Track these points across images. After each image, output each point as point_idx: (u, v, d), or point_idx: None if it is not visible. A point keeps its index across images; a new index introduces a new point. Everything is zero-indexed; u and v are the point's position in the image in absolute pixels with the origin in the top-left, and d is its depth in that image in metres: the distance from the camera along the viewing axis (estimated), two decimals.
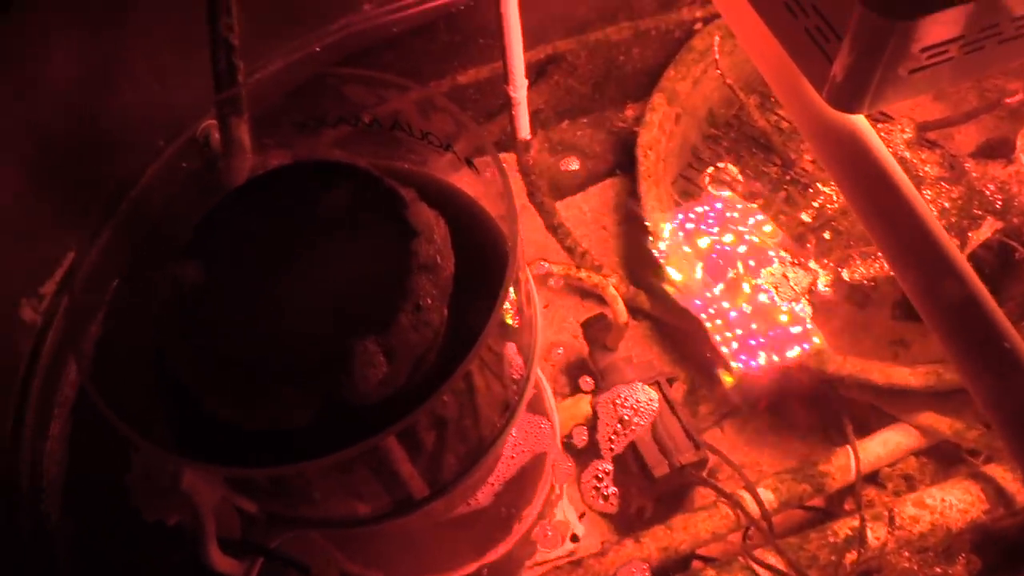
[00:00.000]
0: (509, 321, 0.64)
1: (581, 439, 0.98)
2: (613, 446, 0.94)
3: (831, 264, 0.91)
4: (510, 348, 0.65)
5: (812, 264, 0.92)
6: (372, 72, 0.64)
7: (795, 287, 0.90)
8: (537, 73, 1.15)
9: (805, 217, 0.96)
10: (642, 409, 0.93)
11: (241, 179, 0.77)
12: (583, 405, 0.99)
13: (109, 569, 0.88)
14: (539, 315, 0.69)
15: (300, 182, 0.61)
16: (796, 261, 0.92)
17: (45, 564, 0.85)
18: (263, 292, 0.57)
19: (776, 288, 0.90)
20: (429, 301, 0.56)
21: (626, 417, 0.92)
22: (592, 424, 0.99)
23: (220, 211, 0.60)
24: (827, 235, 0.93)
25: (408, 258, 0.55)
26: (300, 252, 0.58)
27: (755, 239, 1.00)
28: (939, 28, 0.52)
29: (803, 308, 0.89)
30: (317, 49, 1.06)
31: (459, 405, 0.60)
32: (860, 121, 0.59)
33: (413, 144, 0.68)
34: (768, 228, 0.97)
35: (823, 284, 0.91)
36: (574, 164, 1.17)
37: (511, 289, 0.56)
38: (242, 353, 0.54)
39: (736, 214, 0.99)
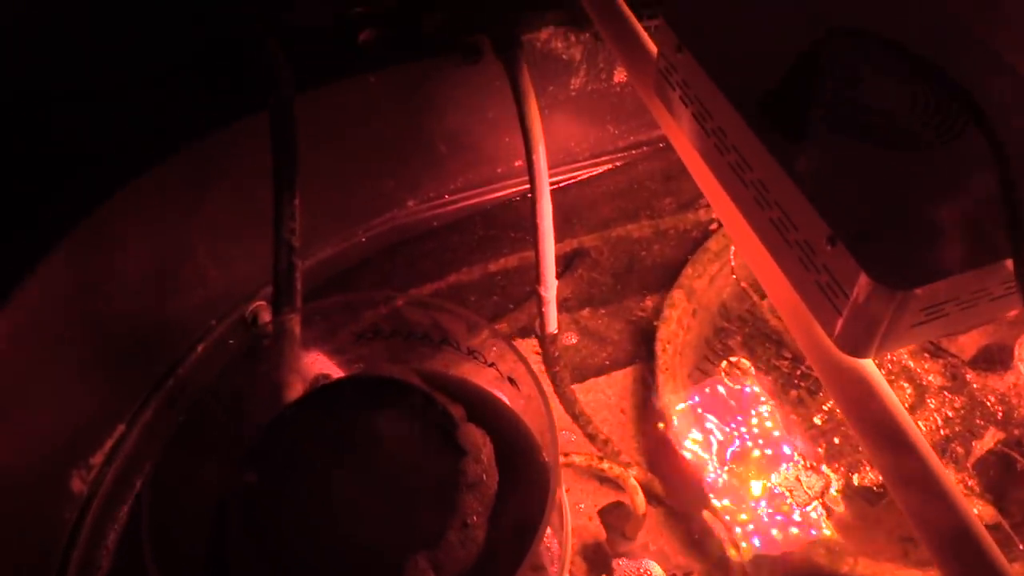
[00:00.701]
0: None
1: None
2: None
3: (842, 469, 0.96)
4: (543, 556, 0.69)
5: (824, 468, 0.96)
6: (427, 299, 0.71)
7: (808, 491, 0.94)
8: (564, 266, 1.23)
9: (816, 420, 1.01)
10: None
11: (290, 369, 0.84)
12: None
13: None
14: (569, 526, 0.73)
15: (358, 397, 0.67)
16: (809, 464, 0.97)
17: None
18: (320, 501, 0.62)
19: (791, 492, 0.94)
20: (475, 519, 0.60)
21: None
22: None
23: (281, 421, 0.66)
24: (837, 440, 0.98)
25: (457, 476, 0.61)
26: (356, 465, 0.63)
27: (776, 431, 1.05)
28: (937, 294, 0.59)
29: (817, 510, 0.93)
30: (363, 239, 1.15)
31: None
32: (867, 364, 0.65)
33: (459, 359, 0.75)
34: (776, 430, 1.02)
35: (835, 488, 0.95)
36: (596, 351, 1.24)
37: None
38: (300, 559, 0.58)
39: (752, 411, 1.05)
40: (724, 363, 1.15)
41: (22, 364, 0.84)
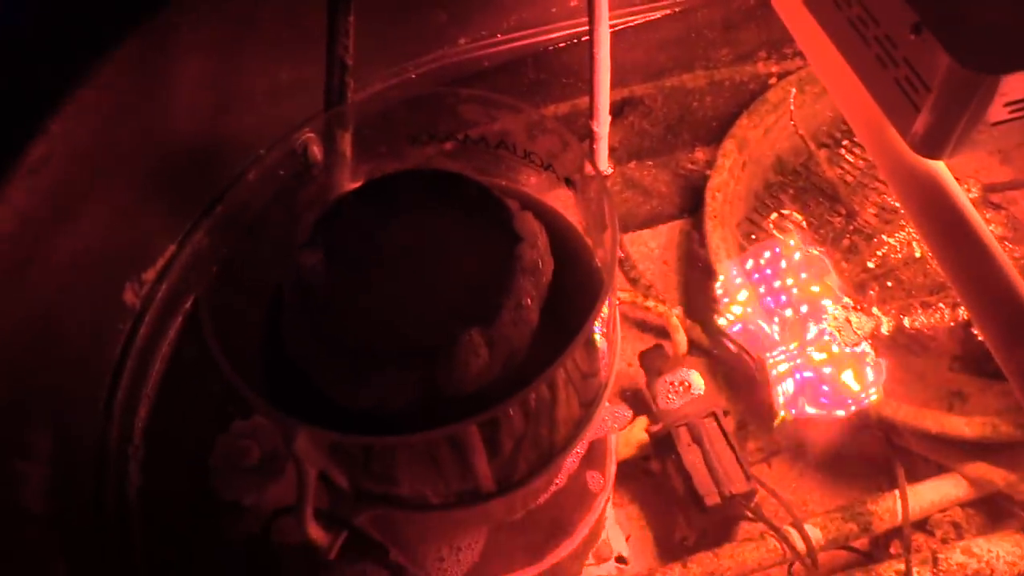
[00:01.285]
0: (596, 337, 0.69)
1: None
2: None
3: (893, 311, 0.94)
4: (591, 365, 0.69)
5: (875, 310, 0.95)
6: (487, 93, 0.69)
7: (858, 331, 0.93)
8: (614, 113, 1.20)
9: (870, 264, 1.00)
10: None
11: (341, 188, 0.84)
12: (638, 431, 1.03)
13: (179, 539, 0.92)
14: (619, 339, 0.73)
15: (415, 187, 0.66)
16: (859, 306, 0.95)
17: (122, 532, 0.90)
18: (376, 283, 0.62)
19: (839, 331, 0.94)
20: (529, 301, 0.60)
21: None
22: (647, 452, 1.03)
23: (340, 207, 0.66)
24: (889, 284, 0.97)
25: (513, 261, 0.60)
26: (412, 251, 0.63)
27: (816, 286, 1.04)
28: (1022, 85, 0.56)
29: (865, 350, 0.93)
30: (412, 76, 1.13)
31: (538, 410, 0.65)
32: (941, 168, 0.63)
33: (514, 163, 0.73)
34: (831, 274, 1.01)
35: (885, 329, 0.94)
36: (642, 203, 1.22)
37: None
38: (355, 334, 0.59)
39: (799, 258, 1.03)
40: (774, 215, 1.13)
41: (78, 172, 0.85)
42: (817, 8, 0.71)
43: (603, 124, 1.01)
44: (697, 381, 0.96)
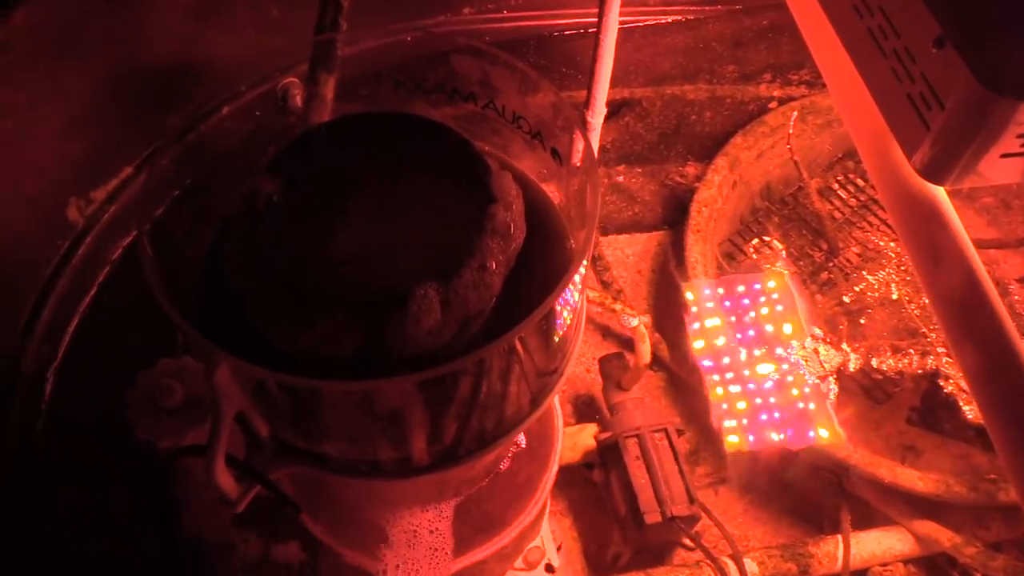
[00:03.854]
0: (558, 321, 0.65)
1: None
2: None
3: (862, 350, 0.92)
4: (547, 350, 0.65)
5: (844, 346, 0.92)
6: (484, 45, 0.65)
7: (824, 364, 0.90)
8: (610, 113, 1.17)
9: (845, 299, 0.97)
10: None
11: None
12: (586, 436, 0.99)
13: (81, 458, 0.86)
14: (583, 323, 0.69)
15: (392, 130, 0.62)
16: (829, 339, 0.93)
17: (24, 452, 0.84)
18: (335, 221, 0.57)
19: (806, 361, 0.91)
20: (494, 265, 0.56)
21: None
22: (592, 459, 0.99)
23: (309, 138, 0.61)
24: (862, 321, 0.94)
25: (483, 220, 0.56)
26: (379, 195, 0.59)
27: (788, 325, 1.01)
28: None
29: (828, 388, 0.90)
30: (408, 39, 1.09)
31: (487, 385, 0.61)
32: (941, 194, 0.60)
33: (500, 126, 0.69)
34: (801, 307, 0.97)
35: (853, 366, 0.91)
36: (623, 209, 1.19)
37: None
38: (303, 269, 0.54)
39: (773, 284, 1.00)
40: (756, 240, 1.10)
41: (36, 66, 0.79)
42: (836, 15, 0.68)
43: (598, 115, 0.97)
44: None
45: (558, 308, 0.62)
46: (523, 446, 0.83)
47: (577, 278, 0.62)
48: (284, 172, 0.60)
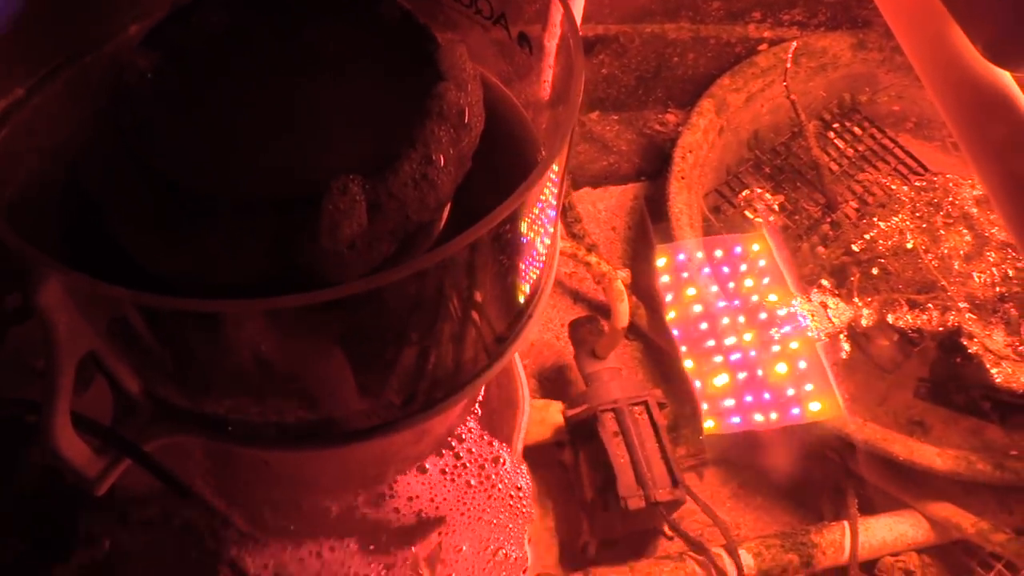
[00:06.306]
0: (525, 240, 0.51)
1: None
2: None
3: (875, 304, 0.80)
4: (511, 277, 0.51)
5: (856, 300, 0.80)
6: None
7: (833, 319, 0.78)
8: (584, 49, 1.04)
9: (854, 248, 0.85)
10: None
11: None
12: (555, 412, 0.85)
13: None
14: (557, 256, 0.56)
15: None
16: (838, 292, 0.80)
17: None
18: (229, 102, 0.43)
19: (812, 315, 0.78)
20: (442, 160, 0.42)
21: None
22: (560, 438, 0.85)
23: (204, 2, 0.47)
24: (875, 271, 0.82)
25: (428, 102, 0.42)
26: (295, 70, 0.45)
27: (775, 294, 0.88)
28: None
29: (840, 347, 0.78)
30: None
31: (440, 320, 0.47)
32: (1008, 80, 0.48)
33: (455, 14, 0.56)
34: (785, 269, 0.84)
35: (866, 322, 0.79)
36: (596, 159, 1.06)
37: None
38: (181, 163, 0.40)
39: (758, 248, 0.87)
40: (745, 191, 0.98)
41: None
42: None
43: None
44: None
45: (527, 232, 0.49)
46: (479, 413, 0.69)
47: (554, 189, 0.49)
48: (165, 42, 0.45)
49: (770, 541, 0.79)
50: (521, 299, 0.52)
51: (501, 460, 0.72)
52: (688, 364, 0.89)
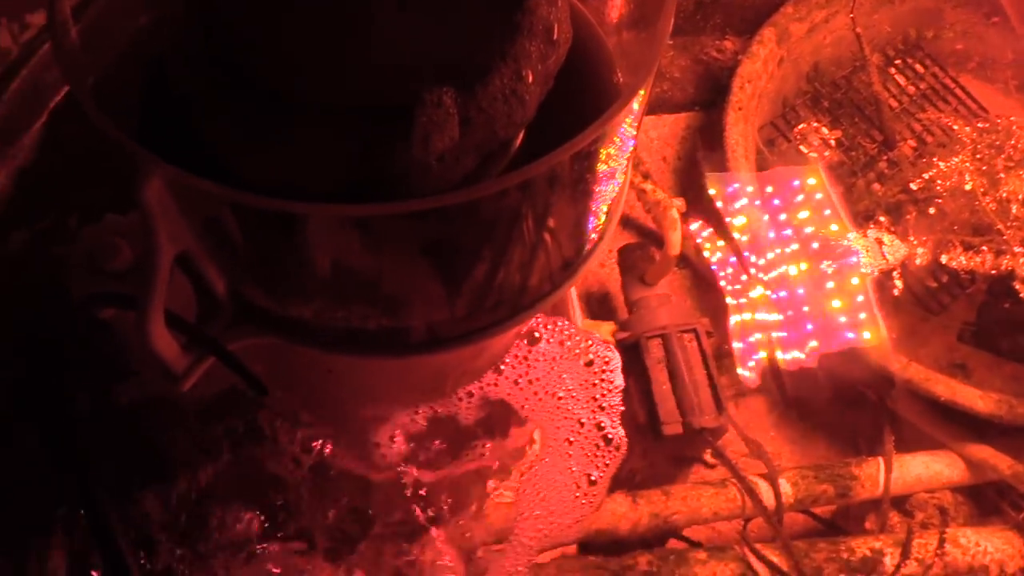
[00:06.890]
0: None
1: None
2: None
3: (930, 244, 0.79)
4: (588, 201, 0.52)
5: (911, 238, 0.79)
6: None
7: (888, 256, 0.78)
8: None
9: (912, 186, 0.84)
10: None
11: None
12: (604, 333, 0.86)
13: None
14: (626, 186, 0.56)
15: None
16: (893, 229, 0.80)
17: None
18: (321, 5, 0.43)
19: (866, 250, 0.78)
20: (531, 77, 0.42)
21: None
22: None
23: None
24: (932, 211, 0.81)
25: (520, 16, 0.42)
26: None
27: (835, 225, 0.87)
28: None
29: (892, 284, 0.78)
30: None
31: (516, 235, 0.47)
32: None
33: None
34: (839, 204, 0.84)
35: (920, 260, 0.79)
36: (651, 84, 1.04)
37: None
38: (271, 65, 0.40)
39: (814, 182, 0.87)
40: (802, 125, 0.96)
41: None
42: None
43: None
44: None
45: (606, 159, 0.49)
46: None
47: (631, 119, 0.49)
48: None
49: (805, 472, 0.81)
50: (591, 225, 0.53)
51: None
52: (729, 300, 0.89)
